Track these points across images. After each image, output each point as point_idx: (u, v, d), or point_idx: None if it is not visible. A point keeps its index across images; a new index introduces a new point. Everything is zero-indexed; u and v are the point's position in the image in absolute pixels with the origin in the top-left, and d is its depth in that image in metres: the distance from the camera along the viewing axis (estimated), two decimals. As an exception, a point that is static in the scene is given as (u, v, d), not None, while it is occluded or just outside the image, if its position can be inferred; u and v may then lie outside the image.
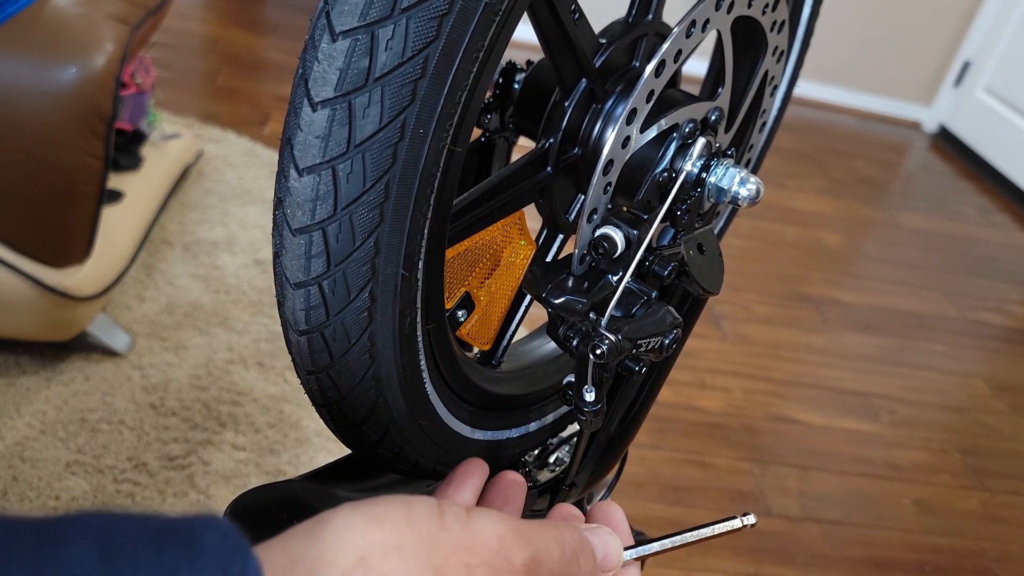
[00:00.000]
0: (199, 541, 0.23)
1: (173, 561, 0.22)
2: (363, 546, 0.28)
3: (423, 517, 0.30)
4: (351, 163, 0.39)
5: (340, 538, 0.28)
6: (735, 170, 0.51)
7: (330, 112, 0.38)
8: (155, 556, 0.22)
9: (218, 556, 0.23)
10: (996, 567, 1.56)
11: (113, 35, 1.24)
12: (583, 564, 0.35)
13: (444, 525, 0.30)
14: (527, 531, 0.33)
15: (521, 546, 0.31)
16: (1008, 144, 3.26)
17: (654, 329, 0.50)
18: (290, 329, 0.44)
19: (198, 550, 0.23)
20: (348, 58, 0.37)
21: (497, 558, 0.30)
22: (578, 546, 0.35)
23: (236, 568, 0.23)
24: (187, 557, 0.23)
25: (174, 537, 0.23)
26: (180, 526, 0.24)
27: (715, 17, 0.51)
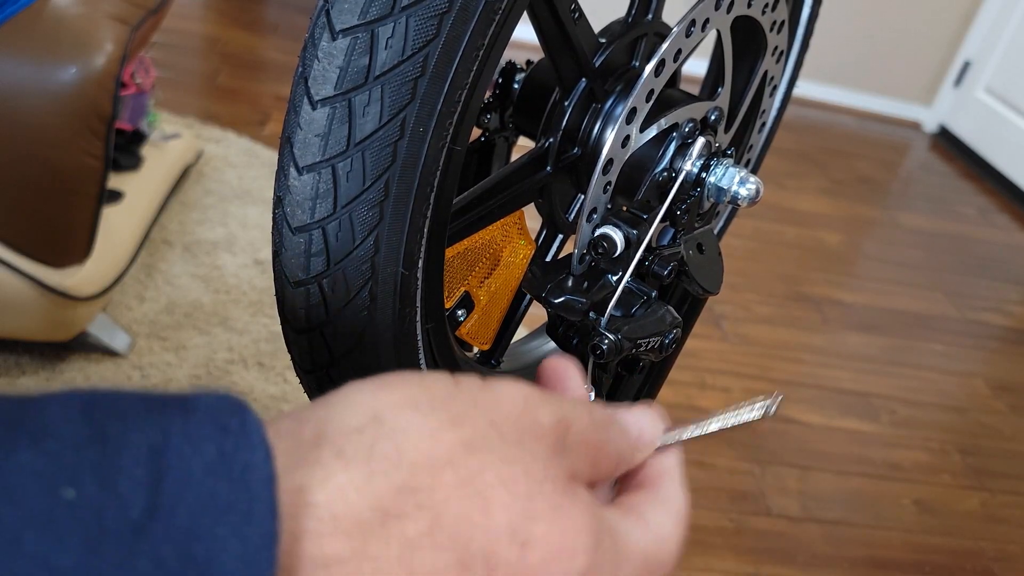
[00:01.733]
0: (194, 402, 0.22)
1: (163, 418, 0.21)
2: (375, 405, 0.26)
3: (436, 381, 0.27)
4: (351, 161, 0.39)
5: (350, 399, 0.26)
6: (735, 170, 0.51)
7: (330, 110, 0.38)
8: (144, 415, 0.21)
9: (214, 413, 0.22)
10: (996, 567, 1.56)
11: (113, 35, 1.24)
12: (613, 435, 0.32)
13: (460, 387, 0.28)
14: (550, 397, 0.30)
15: (547, 407, 0.28)
16: (1008, 144, 3.26)
17: (654, 329, 0.50)
18: (290, 328, 0.44)
19: (192, 409, 0.21)
20: (348, 56, 0.37)
21: (522, 416, 0.27)
22: (608, 418, 0.32)
23: (234, 423, 0.21)
24: (179, 414, 0.21)
25: (167, 400, 0.22)
26: (176, 395, 0.22)
27: (715, 17, 0.51)
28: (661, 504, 0.33)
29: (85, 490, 0.18)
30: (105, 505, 0.19)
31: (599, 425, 0.31)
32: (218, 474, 0.20)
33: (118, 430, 0.20)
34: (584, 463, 0.30)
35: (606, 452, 0.31)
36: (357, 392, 0.26)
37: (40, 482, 0.18)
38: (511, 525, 0.25)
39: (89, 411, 0.20)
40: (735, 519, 1.52)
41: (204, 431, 0.21)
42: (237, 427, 0.21)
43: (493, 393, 0.28)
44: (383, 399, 0.26)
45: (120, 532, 0.18)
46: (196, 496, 0.20)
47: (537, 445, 0.27)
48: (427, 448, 0.25)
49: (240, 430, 0.21)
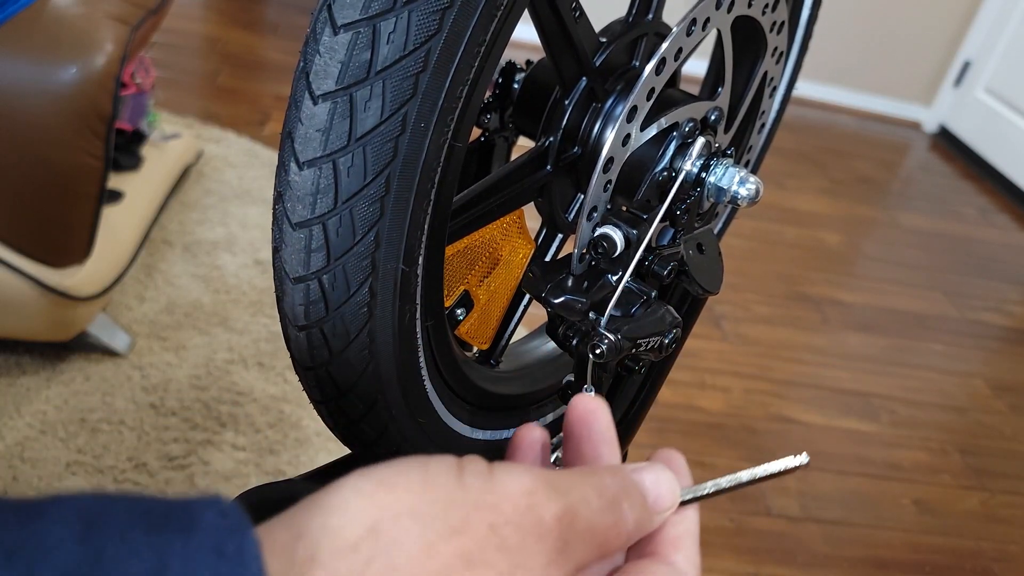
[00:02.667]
0: (196, 519, 0.22)
1: (163, 540, 0.21)
2: (373, 513, 0.25)
3: (440, 477, 0.27)
4: (352, 157, 0.39)
5: (347, 506, 0.25)
6: (734, 169, 0.51)
7: (331, 105, 0.38)
8: (143, 536, 0.21)
9: (214, 534, 0.22)
10: (996, 567, 1.56)
11: (113, 35, 1.24)
12: (627, 510, 0.31)
13: (464, 483, 0.27)
14: (559, 481, 0.29)
15: (552, 499, 0.28)
16: (1008, 144, 3.26)
17: (653, 329, 0.50)
18: (289, 325, 0.44)
19: (193, 529, 0.21)
20: (350, 51, 0.37)
21: (525, 515, 0.27)
22: (620, 490, 0.31)
23: (231, 546, 0.21)
24: (180, 536, 0.21)
25: (168, 516, 0.22)
26: (177, 506, 0.22)
27: (715, 16, 0.51)
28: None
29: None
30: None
31: (610, 504, 0.30)
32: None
33: (116, 554, 0.20)
34: (593, 548, 0.29)
35: (619, 530, 0.31)
36: (355, 495, 0.26)
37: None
38: None
39: (88, 530, 0.20)
40: (735, 519, 1.52)
41: (201, 557, 0.21)
42: (234, 552, 0.21)
43: (496, 492, 0.27)
44: (382, 504, 0.25)
45: None
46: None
47: (539, 546, 0.27)
48: (423, 564, 0.25)
49: (237, 555, 0.21)
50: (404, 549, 0.25)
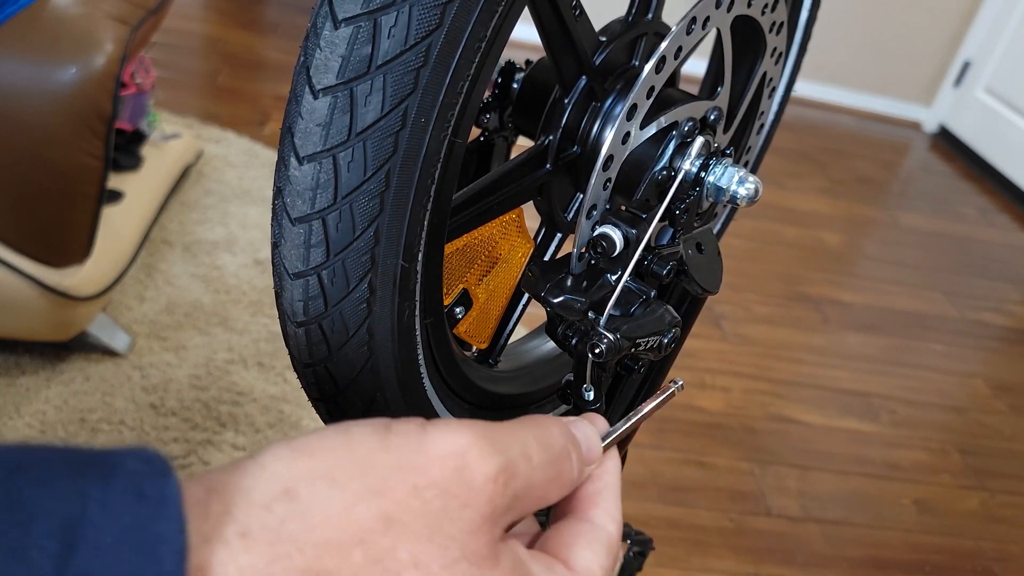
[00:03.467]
0: (117, 464, 0.22)
1: (84, 484, 0.21)
2: (288, 477, 0.25)
3: (362, 439, 0.26)
4: (352, 151, 0.38)
5: (263, 470, 0.25)
6: (734, 169, 0.51)
7: (332, 100, 0.38)
8: (64, 480, 0.21)
9: (135, 478, 0.21)
10: (996, 567, 1.56)
11: (113, 35, 1.24)
12: (575, 461, 0.30)
13: (388, 444, 0.26)
14: (497, 436, 0.28)
15: (486, 458, 0.27)
16: (1008, 144, 3.26)
17: (653, 328, 0.50)
18: (288, 321, 0.44)
19: (114, 473, 0.21)
20: (350, 45, 0.37)
21: (453, 478, 0.26)
22: (568, 442, 0.30)
23: (152, 490, 0.21)
24: (100, 480, 0.21)
25: (90, 462, 0.21)
26: (101, 453, 0.22)
27: (715, 15, 0.51)
28: (593, 539, 0.31)
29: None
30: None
31: (557, 457, 0.30)
32: (131, 545, 0.20)
33: (35, 497, 0.20)
34: (531, 503, 0.29)
35: (562, 482, 0.30)
36: (273, 459, 0.25)
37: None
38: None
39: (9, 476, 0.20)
40: (735, 519, 1.52)
41: (121, 499, 0.21)
42: (155, 495, 0.21)
43: (423, 452, 0.26)
44: (298, 469, 0.25)
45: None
46: (105, 568, 0.20)
47: (463, 512, 0.26)
48: (338, 526, 0.24)
49: (158, 499, 0.21)
50: (319, 510, 0.24)
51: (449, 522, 0.26)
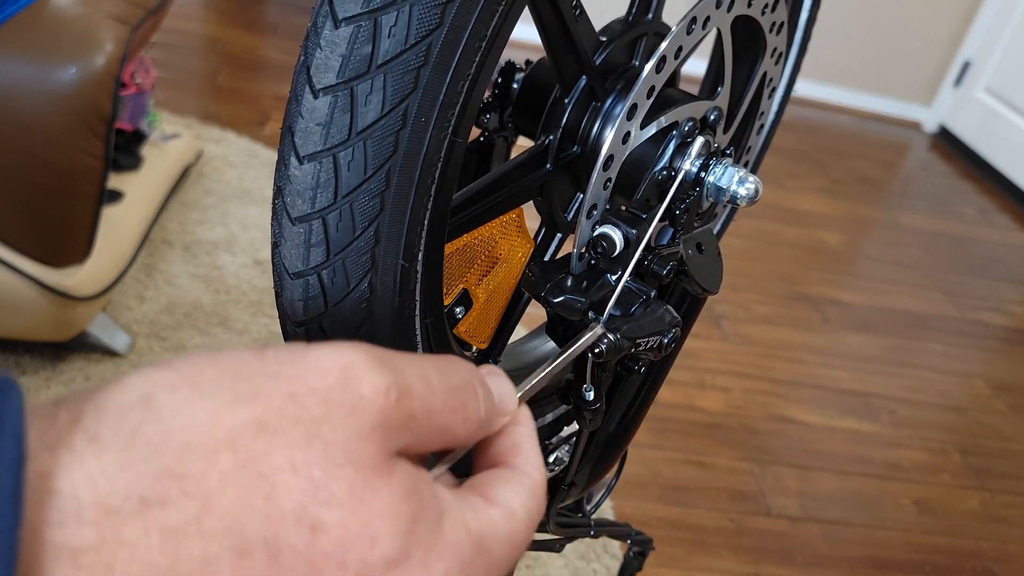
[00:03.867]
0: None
1: None
2: (147, 386, 0.23)
3: (233, 354, 0.25)
4: (352, 151, 0.38)
5: (123, 381, 0.24)
6: (734, 169, 0.51)
7: (332, 99, 0.38)
8: None
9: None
10: (996, 567, 1.56)
11: (113, 35, 1.24)
12: (474, 399, 0.29)
13: (263, 356, 0.25)
14: (390, 356, 0.26)
15: (376, 374, 0.25)
16: (1008, 144, 3.26)
17: (653, 328, 0.50)
18: (288, 321, 0.44)
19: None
20: (351, 45, 0.37)
21: (336, 387, 0.24)
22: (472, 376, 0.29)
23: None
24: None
25: None
26: None
27: (715, 15, 0.51)
28: (513, 480, 0.30)
29: None
30: None
31: (460, 387, 0.28)
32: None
33: None
34: (432, 432, 0.27)
35: (466, 415, 0.28)
36: (133, 374, 0.24)
37: None
38: (298, 510, 0.23)
39: None
40: (735, 519, 1.52)
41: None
42: None
43: (303, 363, 0.25)
44: (158, 379, 0.24)
45: None
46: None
47: (348, 421, 0.25)
48: (203, 430, 0.23)
49: None
50: (182, 416, 0.23)
51: (331, 429, 0.24)
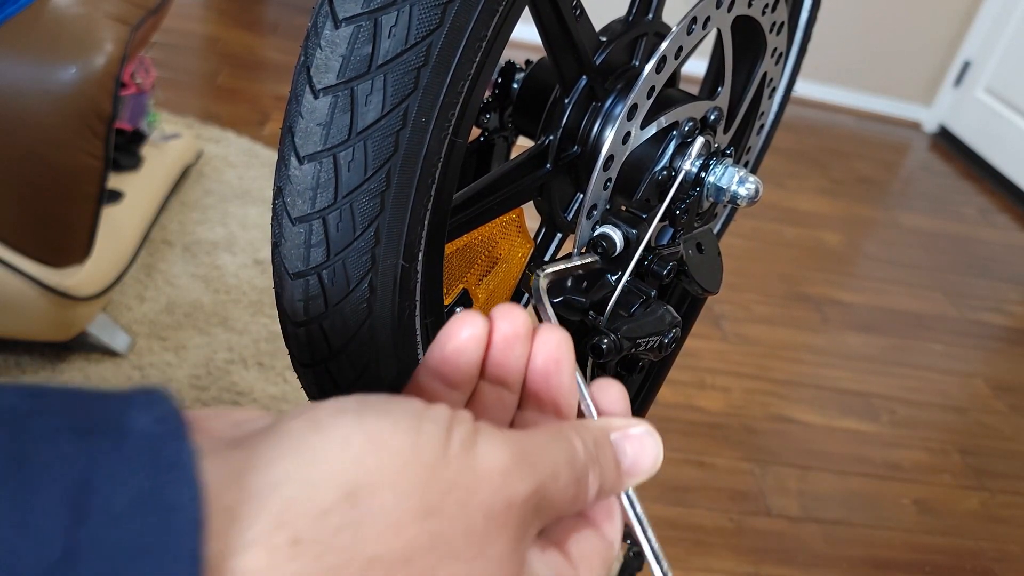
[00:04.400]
0: (129, 425, 0.20)
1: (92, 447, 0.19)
2: (355, 477, 0.24)
3: (429, 443, 0.26)
4: (352, 151, 0.38)
5: (330, 458, 0.24)
6: (734, 169, 0.51)
7: (332, 99, 0.38)
8: (74, 442, 0.19)
9: (148, 441, 0.20)
10: (996, 567, 1.56)
11: (113, 35, 1.24)
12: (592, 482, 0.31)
13: (448, 456, 0.26)
14: (534, 454, 0.28)
15: (525, 479, 0.27)
16: (1008, 144, 3.26)
17: (653, 328, 0.50)
18: (288, 321, 0.44)
19: (125, 434, 0.20)
20: (351, 45, 0.37)
21: (496, 496, 0.26)
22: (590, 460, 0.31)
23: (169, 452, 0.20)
24: (112, 438, 0.20)
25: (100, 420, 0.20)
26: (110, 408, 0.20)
27: (716, 15, 0.51)
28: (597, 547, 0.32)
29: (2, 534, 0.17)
30: (21, 549, 0.17)
31: (578, 478, 0.30)
32: (143, 512, 0.19)
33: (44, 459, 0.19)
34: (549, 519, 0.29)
35: (579, 501, 0.30)
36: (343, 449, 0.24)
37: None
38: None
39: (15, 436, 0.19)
40: (735, 519, 1.52)
41: (134, 462, 0.19)
42: (171, 458, 0.20)
43: (477, 466, 0.26)
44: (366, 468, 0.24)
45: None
46: (117, 538, 0.18)
47: (502, 532, 0.27)
48: (389, 541, 0.24)
49: (174, 462, 0.20)
50: (375, 523, 0.23)
51: (490, 544, 0.26)
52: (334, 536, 0.23)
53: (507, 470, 0.27)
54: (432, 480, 0.25)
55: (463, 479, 0.26)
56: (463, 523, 0.25)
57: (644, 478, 0.33)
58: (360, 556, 0.23)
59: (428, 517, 0.25)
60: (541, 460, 0.28)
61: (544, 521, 0.29)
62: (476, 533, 0.26)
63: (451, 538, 0.25)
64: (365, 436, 0.24)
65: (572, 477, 0.29)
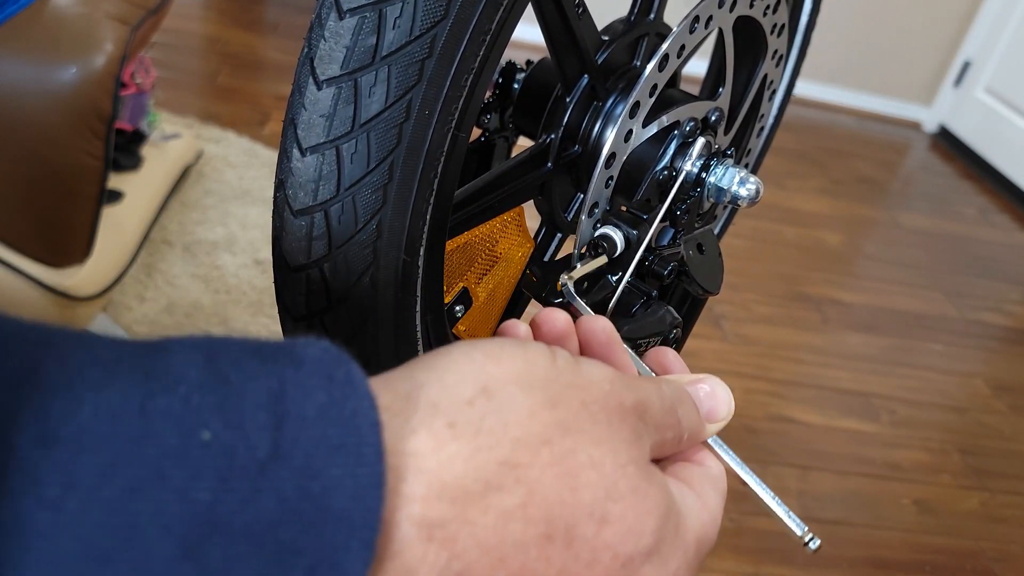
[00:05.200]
0: (301, 354, 0.24)
1: (277, 368, 0.23)
2: (484, 378, 0.27)
3: (538, 358, 0.29)
4: (355, 143, 0.38)
5: (460, 368, 0.27)
6: (735, 170, 0.51)
7: (336, 90, 0.38)
8: (260, 365, 0.23)
9: (321, 365, 0.23)
10: (996, 567, 1.56)
11: (113, 35, 1.24)
12: (682, 416, 0.33)
13: (557, 366, 0.29)
14: (628, 379, 0.31)
15: (628, 390, 0.30)
16: (1008, 144, 3.26)
17: (653, 329, 0.50)
18: (288, 317, 0.43)
19: (301, 361, 0.23)
20: (355, 36, 0.37)
21: (609, 398, 0.29)
22: (676, 398, 0.33)
23: (340, 373, 0.23)
24: (291, 366, 0.23)
25: (276, 351, 0.23)
26: (281, 344, 0.24)
27: (717, 15, 0.51)
28: (712, 481, 0.35)
29: (217, 432, 0.20)
30: (235, 446, 0.20)
31: (669, 408, 0.32)
32: (329, 419, 0.22)
33: (239, 377, 0.22)
34: (656, 442, 0.31)
35: (675, 433, 0.33)
36: (467, 361, 0.27)
37: (179, 425, 0.20)
38: (594, 503, 0.27)
39: (211, 359, 0.22)
40: (735, 519, 1.52)
41: (314, 380, 0.23)
42: (343, 377, 0.23)
43: (584, 375, 0.29)
44: (491, 372, 0.27)
45: (248, 470, 0.20)
46: (311, 438, 0.21)
47: (622, 426, 0.29)
48: (528, 426, 0.26)
49: (346, 380, 0.23)
50: (512, 410, 0.26)
51: (614, 432, 0.28)
52: (481, 420, 0.26)
53: (612, 380, 0.30)
54: (549, 381, 0.28)
55: (577, 382, 0.29)
56: (587, 414, 0.28)
57: (723, 422, 0.37)
58: (506, 438, 0.26)
59: (555, 407, 0.27)
60: (636, 383, 0.31)
61: (651, 440, 0.31)
62: (600, 423, 0.28)
63: (580, 426, 0.28)
64: (483, 353, 0.28)
65: (663, 406, 0.32)
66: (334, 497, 0.21)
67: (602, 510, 0.27)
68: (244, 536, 0.20)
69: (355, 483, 0.21)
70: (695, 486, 0.34)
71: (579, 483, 0.27)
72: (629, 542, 0.27)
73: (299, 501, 0.20)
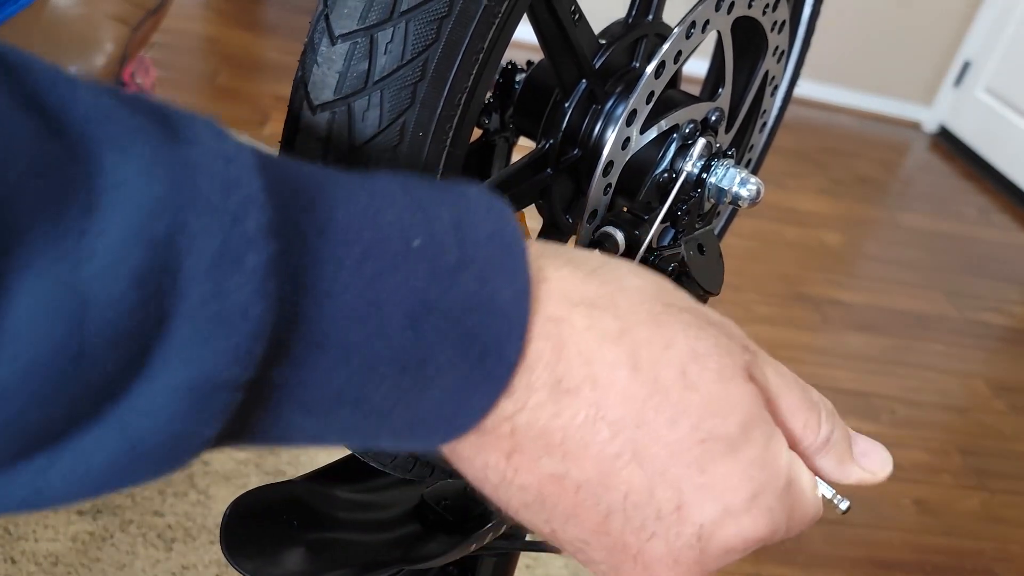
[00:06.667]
0: (466, 191, 0.29)
1: (453, 198, 0.28)
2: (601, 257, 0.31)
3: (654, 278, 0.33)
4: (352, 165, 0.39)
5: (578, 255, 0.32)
6: (735, 170, 0.51)
7: (330, 115, 0.38)
8: (439, 193, 0.28)
9: (482, 200, 0.28)
10: (996, 567, 1.56)
11: (113, 35, 1.24)
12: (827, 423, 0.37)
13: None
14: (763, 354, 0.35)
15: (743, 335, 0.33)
16: (1008, 144, 3.26)
17: (654, 329, 0.50)
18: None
19: (468, 197, 0.28)
20: (347, 61, 0.38)
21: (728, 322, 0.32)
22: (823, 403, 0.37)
23: (498, 207, 0.28)
24: (462, 199, 0.28)
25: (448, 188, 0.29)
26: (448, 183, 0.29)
27: (715, 18, 0.51)
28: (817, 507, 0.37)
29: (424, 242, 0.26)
30: (436, 253, 0.26)
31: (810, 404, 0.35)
32: (494, 243, 0.28)
33: (429, 202, 0.27)
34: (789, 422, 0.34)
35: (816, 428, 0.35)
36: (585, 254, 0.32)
37: (402, 233, 0.26)
38: (682, 364, 0.29)
39: (406, 190, 0.27)
40: (735, 519, 1.52)
41: (481, 212, 0.28)
42: (499, 209, 0.28)
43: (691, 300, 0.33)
44: (603, 259, 0.32)
45: (445, 271, 0.26)
46: (484, 256, 0.27)
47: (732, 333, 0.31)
48: (638, 287, 0.30)
49: (502, 211, 0.29)
50: (626, 277, 0.31)
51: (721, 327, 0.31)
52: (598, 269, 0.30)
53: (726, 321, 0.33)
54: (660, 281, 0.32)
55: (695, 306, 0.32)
56: (699, 313, 0.31)
57: (871, 477, 0.39)
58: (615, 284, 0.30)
59: (665, 294, 0.31)
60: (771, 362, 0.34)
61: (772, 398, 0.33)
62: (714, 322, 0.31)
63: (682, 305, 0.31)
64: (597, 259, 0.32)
65: (803, 398, 0.35)
66: (497, 300, 0.27)
67: (693, 375, 0.29)
68: (445, 317, 0.26)
69: (513, 290, 0.27)
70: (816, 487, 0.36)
71: (673, 343, 0.29)
72: (711, 419, 0.29)
73: (478, 297, 0.27)
